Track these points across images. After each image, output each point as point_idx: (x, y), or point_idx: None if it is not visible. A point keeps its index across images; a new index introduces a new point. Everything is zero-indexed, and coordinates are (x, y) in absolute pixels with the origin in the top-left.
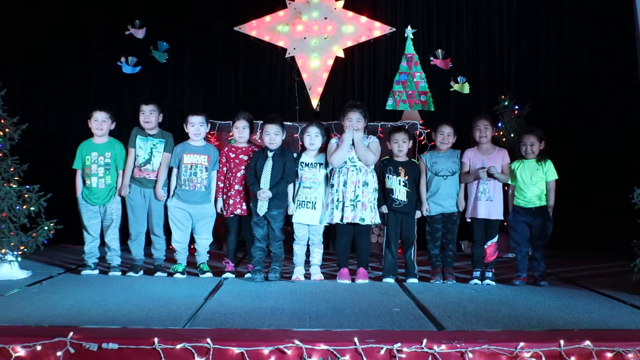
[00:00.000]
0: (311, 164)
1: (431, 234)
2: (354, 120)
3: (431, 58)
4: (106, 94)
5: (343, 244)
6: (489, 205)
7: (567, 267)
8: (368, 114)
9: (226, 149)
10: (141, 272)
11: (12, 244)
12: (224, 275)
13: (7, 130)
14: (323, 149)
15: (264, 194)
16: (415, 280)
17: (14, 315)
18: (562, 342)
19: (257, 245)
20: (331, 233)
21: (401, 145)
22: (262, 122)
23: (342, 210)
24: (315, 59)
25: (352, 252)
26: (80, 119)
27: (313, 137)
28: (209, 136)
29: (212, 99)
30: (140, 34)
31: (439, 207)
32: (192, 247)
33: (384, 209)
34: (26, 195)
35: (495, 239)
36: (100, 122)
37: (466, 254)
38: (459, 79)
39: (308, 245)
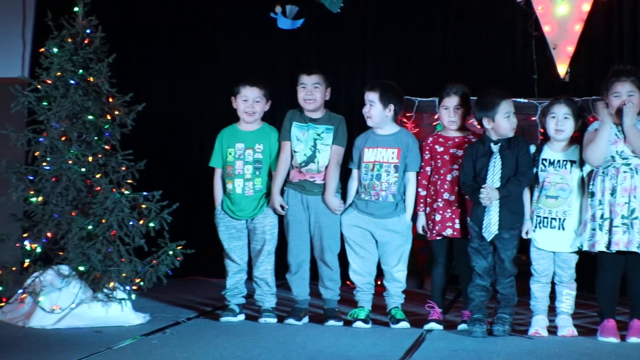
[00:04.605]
0: (558, 161)
1: None
2: (624, 95)
3: None
4: (254, 59)
5: (609, 282)
6: None
7: None
8: None
9: (430, 139)
10: (306, 319)
11: (123, 275)
12: (427, 326)
13: (116, 112)
14: (576, 139)
15: (490, 191)
16: None
17: None
18: None
19: (477, 283)
20: (588, 266)
21: None
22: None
23: (609, 232)
24: (562, 4)
25: (621, 296)
26: (217, 97)
27: (560, 119)
28: (404, 120)
29: (407, 65)
30: None
31: None
32: (379, 283)
33: None
34: (143, 206)
35: None
36: (252, 102)
37: None
38: None
39: (553, 284)
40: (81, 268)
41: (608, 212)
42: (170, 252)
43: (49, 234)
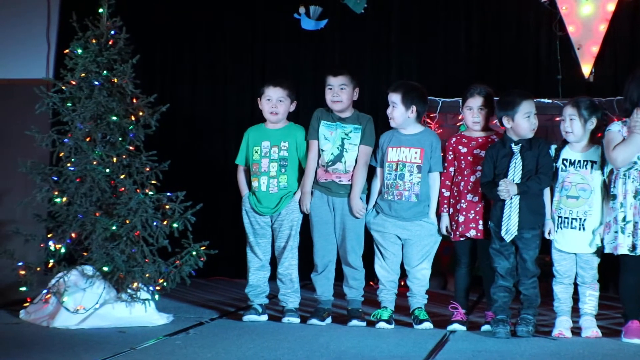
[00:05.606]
0: (579, 162)
1: None
2: None
3: None
4: (278, 60)
5: (632, 284)
6: None
7: None
8: None
9: (453, 140)
10: (329, 320)
11: (146, 275)
12: (451, 327)
13: (140, 113)
14: (596, 140)
15: (508, 185)
16: None
17: None
18: None
19: (499, 284)
20: (613, 267)
21: None
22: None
23: (634, 235)
24: (587, 4)
25: None
26: (241, 98)
27: (568, 121)
28: (428, 121)
29: (431, 66)
30: None
31: None
32: (402, 283)
33: None
34: (167, 207)
35: None
36: (275, 102)
37: None
38: None
39: (575, 285)
40: (105, 268)
41: (631, 214)
42: (194, 253)
43: (73, 235)
